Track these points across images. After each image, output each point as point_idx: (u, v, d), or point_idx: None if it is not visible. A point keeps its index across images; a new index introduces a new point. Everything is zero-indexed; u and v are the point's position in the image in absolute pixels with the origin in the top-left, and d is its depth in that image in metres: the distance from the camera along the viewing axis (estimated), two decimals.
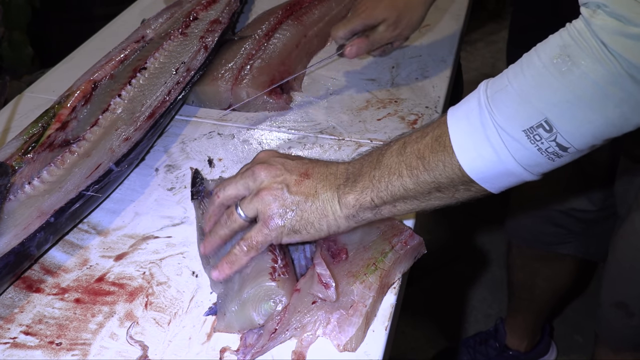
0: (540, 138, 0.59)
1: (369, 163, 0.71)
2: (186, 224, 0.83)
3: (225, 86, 1.02)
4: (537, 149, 0.59)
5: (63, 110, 0.92)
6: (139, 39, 1.07)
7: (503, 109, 0.60)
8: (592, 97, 0.56)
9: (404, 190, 0.67)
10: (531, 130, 0.59)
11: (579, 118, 0.57)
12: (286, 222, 0.70)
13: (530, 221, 1.44)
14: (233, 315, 0.68)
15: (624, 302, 1.23)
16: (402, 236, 0.73)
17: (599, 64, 0.55)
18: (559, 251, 1.45)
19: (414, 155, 0.67)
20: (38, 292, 0.74)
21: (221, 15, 1.15)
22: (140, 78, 0.97)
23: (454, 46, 1.21)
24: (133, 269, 0.77)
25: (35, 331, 0.70)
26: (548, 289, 1.58)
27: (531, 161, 0.61)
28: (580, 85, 0.56)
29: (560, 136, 0.58)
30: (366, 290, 0.68)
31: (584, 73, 0.56)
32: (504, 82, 0.61)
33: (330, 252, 0.73)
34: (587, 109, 0.57)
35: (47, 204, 0.76)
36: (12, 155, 0.84)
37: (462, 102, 0.66)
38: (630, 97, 0.55)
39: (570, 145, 0.58)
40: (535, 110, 0.58)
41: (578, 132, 0.58)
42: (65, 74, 1.12)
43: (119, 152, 0.85)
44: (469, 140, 0.63)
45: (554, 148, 0.59)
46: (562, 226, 1.38)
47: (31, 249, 0.73)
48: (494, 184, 0.65)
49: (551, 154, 0.60)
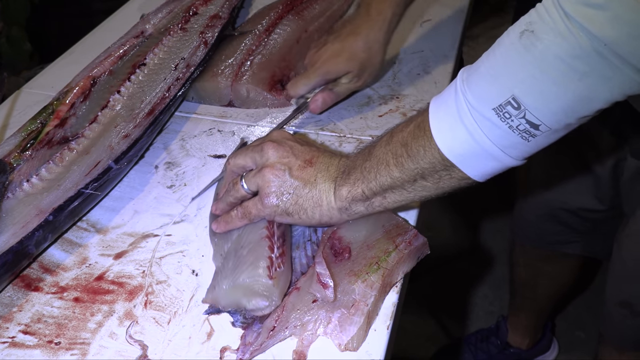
0: (510, 115, 0.58)
1: (362, 155, 0.72)
2: (186, 222, 0.82)
3: (226, 82, 1.01)
4: (508, 126, 0.59)
5: (62, 107, 0.91)
6: (138, 35, 1.06)
7: (474, 89, 0.61)
8: (556, 72, 0.56)
9: (391, 180, 0.69)
10: (500, 108, 0.59)
11: (545, 93, 0.57)
12: (280, 203, 0.73)
13: (536, 221, 1.43)
14: (222, 292, 0.70)
15: (629, 302, 1.23)
16: (406, 236, 0.73)
17: (561, 38, 0.54)
18: (564, 251, 1.44)
19: (398, 143, 0.68)
20: (37, 290, 0.74)
21: (221, 10, 1.13)
22: (139, 74, 0.96)
23: (456, 41, 1.19)
24: (132, 268, 0.76)
25: (34, 330, 0.69)
26: (551, 287, 1.58)
27: (505, 141, 0.60)
28: (544, 60, 0.56)
29: (529, 113, 0.58)
30: (368, 289, 0.68)
31: (547, 47, 0.55)
32: (478, 63, 0.62)
33: (333, 251, 0.72)
34: (552, 83, 0.56)
35: (46, 202, 0.76)
36: (10, 152, 0.84)
37: (444, 90, 0.67)
38: (595, 71, 0.54)
39: (540, 123, 0.58)
40: (504, 87, 0.58)
41: (546, 108, 0.57)
42: (64, 70, 1.11)
43: (118, 149, 0.84)
44: (445, 123, 0.64)
45: (524, 125, 0.58)
46: (568, 225, 1.37)
47: (30, 247, 0.72)
48: (475, 169, 0.65)
49: (523, 132, 0.59)
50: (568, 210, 1.33)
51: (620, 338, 1.32)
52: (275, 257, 0.70)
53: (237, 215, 0.76)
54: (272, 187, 0.73)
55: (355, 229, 0.74)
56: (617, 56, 0.53)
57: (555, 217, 1.37)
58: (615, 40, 0.52)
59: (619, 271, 1.24)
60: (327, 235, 0.74)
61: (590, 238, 1.39)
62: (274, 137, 0.78)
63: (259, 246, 0.72)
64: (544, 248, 1.48)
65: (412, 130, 0.67)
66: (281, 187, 0.73)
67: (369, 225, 0.74)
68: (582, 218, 1.34)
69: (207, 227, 0.81)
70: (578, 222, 1.36)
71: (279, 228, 0.75)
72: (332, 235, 0.74)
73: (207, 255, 0.77)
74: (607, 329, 1.35)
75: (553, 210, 1.36)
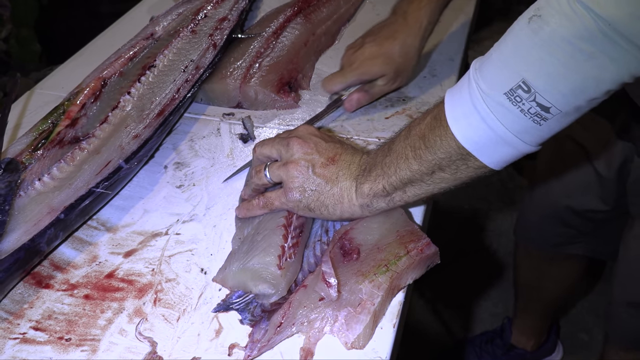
0: (521, 99, 0.60)
1: (382, 151, 0.75)
2: (195, 221, 0.83)
3: (234, 84, 1.02)
4: (519, 110, 0.60)
5: (72, 107, 0.92)
6: (148, 37, 1.07)
7: (486, 76, 0.63)
8: (563, 54, 0.57)
9: (410, 173, 0.70)
10: (511, 92, 0.60)
11: (553, 75, 0.58)
12: (303, 199, 0.75)
13: (539, 222, 1.44)
14: (231, 274, 0.72)
15: (636, 302, 1.23)
16: (419, 243, 0.73)
17: (567, 20, 0.56)
18: (568, 252, 1.45)
19: (416, 136, 0.70)
20: (47, 288, 0.75)
21: (230, 13, 1.14)
22: (149, 75, 0.97)
23: (462, 45, 1.20)
24: (142, 266, 0.77)
25: (45, 327, 0.70)
26: (555, 290, 1.58)
27: (518, 125, 0.62)
28: (552, 43, 0.57)
29: (539, 95, 0.59)
30: (375, 290, 0.68)
31: (554, 30, 0.57)
32: (490, 52, 0.64)
33: (342, 251, 0.73)
34: (560, 65, 0.58)
35: (57, 200, 0.77)
36: (22, 151, 0.85)
37: (459, 81, 0.68)
38: (601, 52, 0.56)
39: (551, 105, 0.59)
40: (513, 71, 0.60)
41: (555, 90, 0.59)
42: (73, 71, 1.12)
43: (129, 149, 0.85)
44: (459, 112, 0.65)
45: (535, 108, 0.60)
46: (572, 226, 1.37)
47: (41, 245, 0.74)
48: (491, 156, 0.66)
49: (535, 116, 0.60)
50: (572, 211, 1.34)
51: (627, 338, 1.32)
52: (288, 247, 0.71)
53: (258, 204, 0.79)
54: (295, 182, 0.75)
55: (368, 232, 0.75)
56: (622, 36, 0.54)
57: (559, 219, 1.38)
58: (619, 20, 0.53)
59: (626, 271, 1.24)
60: (338, 235, 0.75)
61: (594, 238, 1.39)
62: (301, 133, 0.80)
63: (274, 234, 0.73)
64: (548, 250, 1.48)
65: (429, 122, 0.69)
66: (304, 184, 0.75)
67: (384, 229, 0.75)
68: (586, 219, 1.35)
69: (215, 227, 0.82)
70: (581, 223, 1.36)
71: (298, 219, 0.76)
72: (344, 235, 0.75)
73: (215, 254, 0.78)
74: (614, 329, 1.35)
75: (556, 211, 1.37)
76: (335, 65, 1.14)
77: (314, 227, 0.80)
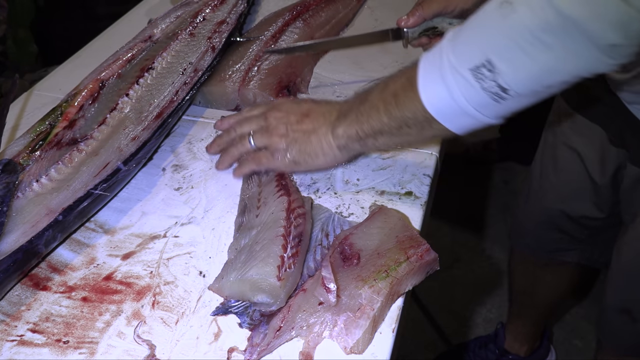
0: (484, 77, 0.64)
1: (358, 99, 0.82)
2: (193, 224, 0.83)
3: (233, 87, 1.02)
4: (481, 87, 0.65)
5: (70, 109, 0.91)
6: (146, 39, 1.07)
7: (456, 50, 0.67)
8: (525, 42, 0.61)
9: (380, 124, 0.78)
10: (476, 69, 0.64)
11: (515, 61, 0.62)
12: (289, 155, 0.85)
13: (534, 228, 1.44)
14: (229, 283, 0.72)
15: (628, 308, 1.23)
16: (419, 249, 0.73)
17: (533, 11, 0.59)
18: (562, 259, 1.45)
19: (390, 93, 0.76)
20: (45, 290, 0.74)
21: (228, 16, 1.15)
22: (147, 78, 0.97)
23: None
24: (140, 268, 0.77)
25: (43, 329, 0.70)
26: (549, 295, 1.58)
27: (478, 100, 0.67)
28: (516, 30, 0.61)
29: (500, 77, 0.63)
30: (375, 295, 0.68)
31: (520, 18, 0.60)
32: (462, 26, 0.68)
33: (342, 256, 0.73)
34: (522, 52, 0.61)
35: (56, 202, 0.76)
36: (19, 152, 0.84)
37: (434, 47, 0.72)
38: (560, 45, 0.59)
39: (509, 87, 0.63)
40: (480, 50, 0.64)
41: (515, 75, 0.63)
42: (71, 73, 1.12)
43: (127, 151, 0.85)
44: (429, 79, 0.71)
45: (495, 88, 0.64)
46: (567, 233, 1.38)
47: (39, 246, 0.73)
48: (454, 123, 0.72)
49: (494, 95, 0.65)
50: (566, 217, 1.34)
51: (620, 344, 1.33)
52: (287, 257, 0.71)
53: (248, 161, 0.87)
54: (279, 144, 0.85)
55: (368, 237, 0.75)
56: (582, 34, 0.57)
57: (554, 225, 1.38)
58: (580, 17, 0.57)
59: (619, 278, 1.25)
60: (338, 240, 0.75)
61: (588, 246, 1.40)
62: (275, 104, 0.91)
63: (273, 244, 0.73)
64: (542, 256, 1.49)
65: (403, 82, 0.75)
66: (286, 141, 0.84)
67: (383, 234, 0.75)
68: (581, 225, 1.35)
69: (214, 230, 0.82)
70: (576, 230, 1.37)
71: (297, 228, 0.75)
72: (344, 240, 0.75)
73: (214, 257, 0.78)
74: (607, 336, 1.36)
75: (551, 217, 1.37)
76: (334, 69, 1.14)
77: (314, 231, 0.80)
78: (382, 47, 1.20)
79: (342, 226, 0.80)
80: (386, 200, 0.86)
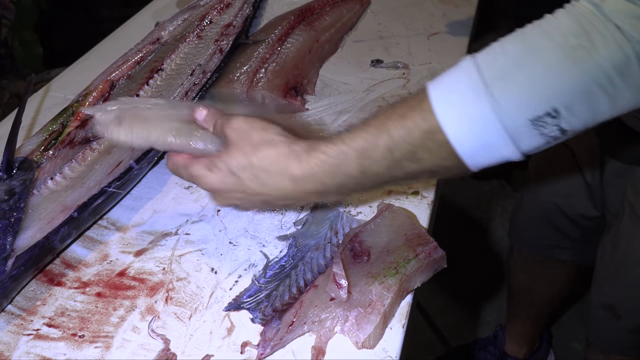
0: (545, 124, 0.56)
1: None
2: (204, 222, 0.84)
3: (241, 89, 1.03)
4: (539, 133, 0.57)
5: (82, 109, 0.93)
6: (155, 41, 1.09)
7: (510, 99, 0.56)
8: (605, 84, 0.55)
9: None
10: (538, 119, 0.56)
11: (589, 104, 0.56)
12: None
13: (529, 223, 1.46)
14: None
15: (612, 304, 1.25)
16: (427, 247, 0.75)
17: (617, 50, 0.54)
18: (557, 257, 1.47)
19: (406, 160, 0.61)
20: (59, 285, 0.76)
21: (234, 19, 1.16)
22: (157, 79, 0.99)
23: (462, 53, 1.23)
24: (153, 265, 0.78)
25: (58, 323, 0.71)
26: (547, 293, 1.60)
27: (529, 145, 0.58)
28: (597, 73, 0.54)
29: (564, 121, 0.56)
30: (385, 291, 0.70)
31: (603, 58, 0.54)
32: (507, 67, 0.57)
33: (353, 253, 0.75)
34: (600, 94, 0.55)
35: (70, 199, 0.78)
36: (32, 151, 0.85)
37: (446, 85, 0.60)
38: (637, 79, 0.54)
39: (570, 128, 0.57)
40: (545, 99, 0.56)
41: (580, 119, 0.56)
42: (80, 74, 1.13)
43: (139, 149, 0.86)
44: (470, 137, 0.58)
45: (555, 132, 0.57)
46: (561, 230, 1.39)
47: (55, 242, 0.74)
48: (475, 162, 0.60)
49: (552, 139, 0.57)
50: (562, 214, 1.36)
51: (604, 341, 1.34)
52: None
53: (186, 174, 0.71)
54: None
55: (377, 235, 0.77)
56: None
57: (548, 220, 1.39)
58: None
59: (602, 274, 1.27)
60: (348, 238, 0.77)
61: (582, 245, 1.41)
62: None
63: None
64: (538, 252, 1.51)
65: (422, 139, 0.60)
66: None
67: (391, 232, 0.77)
68: (575, 224, 1.37)
69: (225, 228, 0.83)
70: (570, 229, 1.38)
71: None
72: (354, 238, 0.76)
73: (225, 254, 0.79)
74: (592, 332, 1.37)
75: (547, 212, 1.38)
76: (339, 71, 1.16)
77: (323, 230, 0.81)
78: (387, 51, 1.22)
79: (350, 224, 0.82)
80: (393, 199, 0.87)
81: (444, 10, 1.38)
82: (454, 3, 1.40)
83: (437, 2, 1.37)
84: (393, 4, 1.38)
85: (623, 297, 1.23)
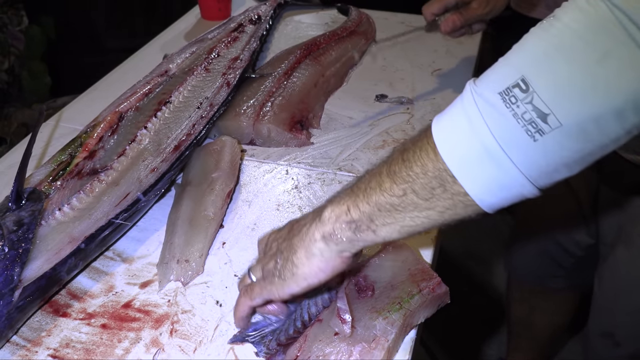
0: (516, 99, 0.50)
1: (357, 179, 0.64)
2: (209, 254, 0.85)
3: (248, 122, 1.05)
4: (512, 114, 0.50)
5: (90, 140, 0.94)
6: (163, 73, 1.11)
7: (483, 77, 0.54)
8: (573, 50, 0.49)
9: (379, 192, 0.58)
10: (507, 91, 0.51)
11: (558, 73, 0.49)
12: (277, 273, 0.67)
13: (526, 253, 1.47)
14: None
15: (610, 332, 1.25)
16: (430, 282, 0.75)
17: (579, 12, 0.49)
18: (551, 285, 1.47)
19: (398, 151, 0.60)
20: (65, 316, 0.76)
21: (242, 53, 1.18)
22: (165, 111, 1.00)
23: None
24: (158, 297, 0.78)
25: (63, 355, 0.71)
26: (546, 325, 1.59)
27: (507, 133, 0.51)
28: (562, 38, 0.49)
29: (537, 96, 0.49)
30: (389, 327, 0.70)
31: (565, 25, 0.50)
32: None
33: (357, 287, 0.75)
34: (566, 62, 0.49)
35: (78, 230, 0.78)
36: (40, 182, 0.86)
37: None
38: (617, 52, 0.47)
39: (549, 111, 0.49)
40: (513, 68, 0.51)
41: (558, 91, 0.49)
42: (88, 106, 1.15)
43: (147, 182, 0.87)
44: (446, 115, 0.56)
45: (530, 113, 0.49)
46: (555, 259, 1.40)
47: (62, 273, 0.75)
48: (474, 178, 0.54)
49: (528, 124, 0.49)
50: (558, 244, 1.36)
51: None
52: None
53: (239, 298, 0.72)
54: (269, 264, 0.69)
55: (381, 270, 0.77)
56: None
57: (543, 251, 1.40)
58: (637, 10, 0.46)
59: (600, 303, 1.27)
60: (353, 273, 0.77)
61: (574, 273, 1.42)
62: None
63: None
64: (533, 282, 1.51)
65: (415, 135, 0.60)
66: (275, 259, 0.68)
67: (395, 267, 0.77)
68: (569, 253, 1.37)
69: (230, 261, 0.84)
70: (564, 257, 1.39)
71: None
72: (358, 273, 0.77)
73: (230, 287, 0.80)
74: None
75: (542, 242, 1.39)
76: (344, 106, 1.17)
77: None
78: (392, 86, 1.24)
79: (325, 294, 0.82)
80: None
81: (447, 47, 1.40)
82: (458, 40, 1.42)
83: (441, 38, 1.39)
84: (397, 40, 1.40)
85: (621, 324, 1.24)
